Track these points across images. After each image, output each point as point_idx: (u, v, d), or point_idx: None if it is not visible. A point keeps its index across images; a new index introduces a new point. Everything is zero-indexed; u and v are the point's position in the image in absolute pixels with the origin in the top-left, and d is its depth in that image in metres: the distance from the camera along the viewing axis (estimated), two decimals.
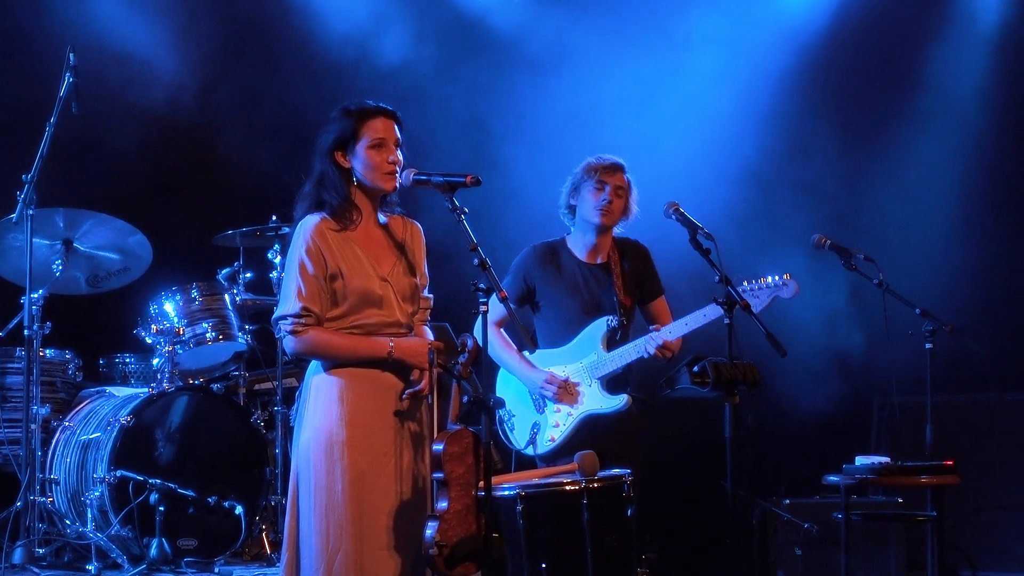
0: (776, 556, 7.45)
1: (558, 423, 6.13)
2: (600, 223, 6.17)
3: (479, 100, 8.83)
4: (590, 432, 6.07)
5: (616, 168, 6.20)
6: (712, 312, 5.78)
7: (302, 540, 4.75)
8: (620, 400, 6.07)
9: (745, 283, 5.93)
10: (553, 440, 6.11)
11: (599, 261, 6.26)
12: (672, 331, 6.00)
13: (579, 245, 6.27)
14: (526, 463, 6.18)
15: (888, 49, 9.07)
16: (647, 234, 6.38)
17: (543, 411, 6.17)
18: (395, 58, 8.92)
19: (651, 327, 6.14)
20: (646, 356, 6.01)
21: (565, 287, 6.22)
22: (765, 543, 7.49)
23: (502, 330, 6.26)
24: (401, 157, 4.88)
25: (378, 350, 4.78)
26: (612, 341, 6.12)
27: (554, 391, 6.09)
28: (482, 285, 4.70)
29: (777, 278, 5.94)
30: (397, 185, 4.86)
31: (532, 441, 6.13)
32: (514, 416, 6.24)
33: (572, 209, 6.26)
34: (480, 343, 4.74)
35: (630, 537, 5.34)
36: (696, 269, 5.95)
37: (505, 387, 6.32)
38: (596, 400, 6.10)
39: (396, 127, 4.90)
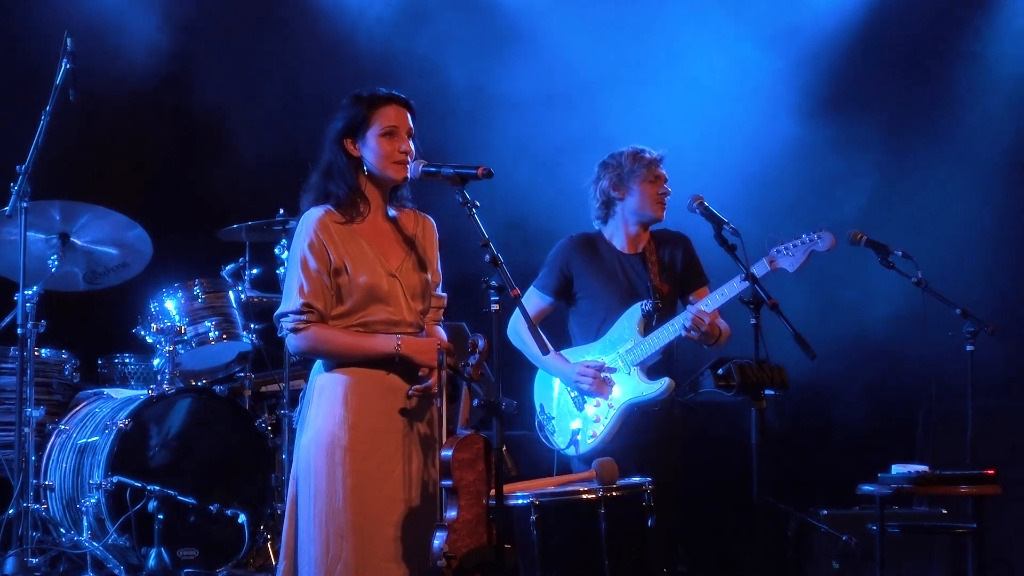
0: (813, 570, 7.48)
1: (599, 418, 6.16)
2: (659, 216, 6.29)
3: (489, 86, 8.89)
4: (633, 427, 6.11)
5: (661, 160, 6.34)
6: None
7: (301, 549, 4.79)
8: (661, 384, 6.08)
9: (779, 244, 6.00)
10: (595, 436, 6.14)
11: (638, 251, 6.35)
12: (708, 303, 6.04)
13: (619, 236, 6.36)
14: (567, 466, 6.23)
15: (928, 41, 9.11)
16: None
17: (583, 408, 6.20)
18: (407, 45, 8.96)
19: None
20: (684, 334, 6.03)
21: (605, 277, 6.30)
22: (801, 556, 7.52)
23: (537, 327, 6.30)
24: (413, 148, 4.93)
25: (384, 347, 4.82)
26: (648, 327, 6.16)
27: (590, 381, 6.12)
28: (494, 283, 4.71)
29: (812, 233, 6.00)
30: (408, 175, 4.90)
31: (574, 441, 6.16)
32: (554, 419, 6.30)
33: (608, 203, 6.34)
34: (496, 343, 4.75)
35: (650, 549, 5.36)
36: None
37: (545, 391, 6.39)
38: (636, 387, 6.12)
39: (409, 116, 4.96)
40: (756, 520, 5.69)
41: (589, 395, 6.17)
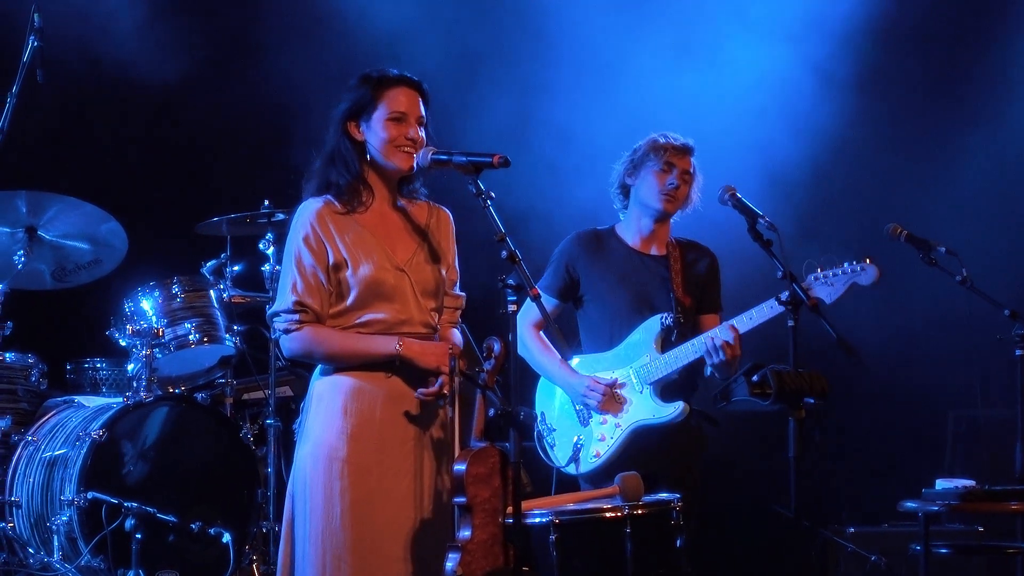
0: None
1: (604, 436, 6.12)
2: (663, 209, 6.23)
3: (508, 75, 8.88)
4: (641, 448, 6.07)
5: (686, 150, 6.27)
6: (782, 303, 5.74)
7: (297, 571, 4.78)
8: (675, 408, 6.04)
9: (818, 270, 5.92)
10: (599, 456, 6.11)
11: (654, 252, 6.30)
12: (742, 322, 5.96)
13: (631, 232, 6.33)
14: (568, 484, 6.19)
15: (969, 30, 9.19)
16: (695, 222, 6.43)
17: (588, 424, 6.18)
18: (399, 26, 8.88)
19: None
20: (707, 358, 5.97)
21: (613, 278, 6.25)
22: None
23: (541, 333, 6.30)
24: (423, 136, 4.92)
25: (383, 349, 4.80)
26: (667, 342, 6.11)
27: (598, 398, 6.09)
28: (511, 281, 4.68)
29: (855, 263, 5.92)
30: (414, 165, 4.89)
31: (575, 458, 6.13)
32: (555, 431, 6.27)
33: (626, 190, 6.32)
34: (509, 347, 4.73)
35: (679, 571, 5.28)
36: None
37: (546, 399, 6.36)
38: (647, 409, 6.08)
39: (421, 102, 4.95)
40: (781, 539, 5.65)
41: (597, 412, 6.14)
